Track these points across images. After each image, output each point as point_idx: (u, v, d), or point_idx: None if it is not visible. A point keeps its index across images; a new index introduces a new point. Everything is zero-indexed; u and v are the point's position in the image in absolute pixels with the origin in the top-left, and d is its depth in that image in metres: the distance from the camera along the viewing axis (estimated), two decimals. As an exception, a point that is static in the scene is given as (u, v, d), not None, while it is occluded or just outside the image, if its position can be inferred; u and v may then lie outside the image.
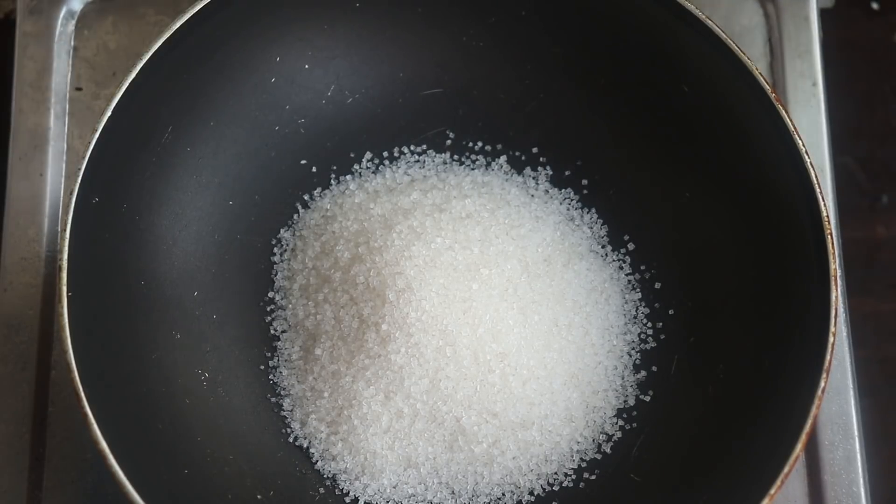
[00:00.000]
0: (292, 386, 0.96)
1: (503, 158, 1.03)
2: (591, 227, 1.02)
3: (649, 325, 0.98)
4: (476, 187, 1.02)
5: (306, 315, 0.97)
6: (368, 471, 0.93)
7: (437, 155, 1.04)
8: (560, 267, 0.98)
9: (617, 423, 0.96)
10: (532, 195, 1.02)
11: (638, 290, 0.99)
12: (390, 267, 0.93)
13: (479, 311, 0.92)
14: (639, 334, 0.98)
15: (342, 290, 0.95)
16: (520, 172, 1.03)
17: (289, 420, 0.96)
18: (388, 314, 0.92)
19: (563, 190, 1.02)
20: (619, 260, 1.01)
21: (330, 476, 0.94)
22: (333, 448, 0.94)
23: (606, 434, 0.95)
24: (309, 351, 0.96)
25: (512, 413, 0.93)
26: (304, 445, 0.95)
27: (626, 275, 1.00)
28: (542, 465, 0.94)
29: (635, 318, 0.99)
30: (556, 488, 0.94)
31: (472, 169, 1.03)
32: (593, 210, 1.02)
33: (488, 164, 1.03)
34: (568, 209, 1.02)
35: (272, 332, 0.99)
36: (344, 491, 0.93)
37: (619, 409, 0.96)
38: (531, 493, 0.94)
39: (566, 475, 0.94)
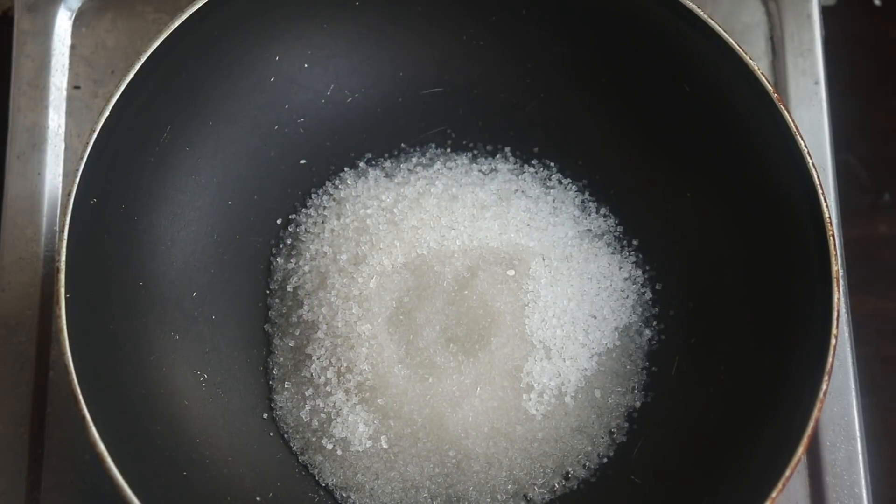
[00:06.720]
0: (286, 390, 0.96)
1: (508, 149, 1.03)
2: (607, 220, 1.01)
3: (654, 325, 0.98)
4: (486, 180, 1.01)
5: (300, 318, 0.96)
6: (367, 487, 0.92)
7: (439, 149, 1.03)
8: (580, 263, 0.97)
9: (623, 427, 0.95)
10: (547, 186, 1.01)
11: (648, 289, 0.99)
12: (395, 271, 0.93)
13: (499, 323, 0.92)
14: (649, 338, 0.97)
15: (340, 293, 0.95)
16: (520, 174, 1.03)
17: (282, 424, 0.95)
18: (387, 324, 0.92)
19: (577, 182, 1.02)
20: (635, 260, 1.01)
21: (325, 487, 0.94)
22: (326, 462, 0.93)
23: (612, 438, 0.95)
24: (302, 355, 0.96)
25: (526, 430, 0.92)
26: (297, 452, 0.95)
27: (644, 272, 1.00)
28: (551, 477, 0.93)
29: (647, 319, 0.98)
30: (558, 491, 0.93)
31: (477, 158, 1.03)
32: (605, 207, 1.02)
33: (492, 164, 1.03)
34: (582, 202, 1.02)
35: (269, 333, 0.98)
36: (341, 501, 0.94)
37: (625, 414, 0.96)
38: (541, 502, 0.94)
39: (573, 479, 0.94)
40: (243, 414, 0.94)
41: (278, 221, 1.01)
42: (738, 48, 0.91)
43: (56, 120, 1.08)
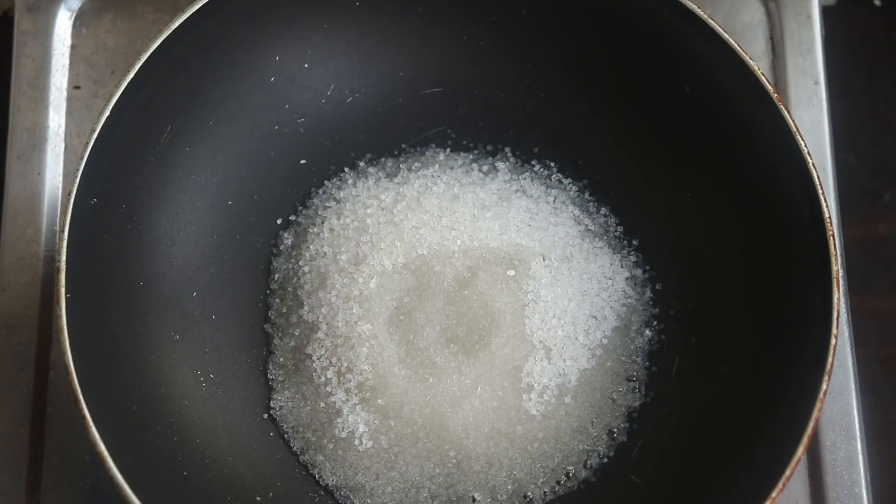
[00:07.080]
0: (285, 390, 0.96)
1: (508, 149, 1.03)
2: (607, 220, 1.01)
3: (654, 325, 0.98)
4: (487, 180, 1.01)
5: (300, 318, 0.96)
6: (367, 487, 0.92)
7: (439, 149, 1.03)
8: (580, 263, 0.97)
9: (623, 427, 0.95)
10: (547, 185, 1.01)
11: (648, 288, 0.99)
12: (395, 271, 0.93)
13: (500, 324, 0.92)
14: (649, 338, 0.97)
15: (340, 293, 0.95)
16: (520, 174, 1.03)
17: (282, 424, 0.95)
18: (388, 325, 0.91)
19: (578, 182, 1.02)
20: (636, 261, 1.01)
21: (325, 487, 0.94)
22: (326, 462, 0.93)
23: (612, 438, 0.95)
24: (302, 355, 0.96)
25: (526, 430, 0.92)
26: (297, 452, 0.95)
27: (644, 272, 1.00)
28: (551, 476, 0.93)
29: (647, 319, 0.98)
30: (558, 491, 0.93)
31: (477, 158, 1.03)
32: (605, 207, 1.02)
33: (492, 164, 1.03)
34: (583, 202, 1.01)
35: (269, 333, 0.98)
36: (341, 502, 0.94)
37: (625, 414, 0.96)
38: (541, 501, 0.94)
39: (573, 479, 0.94)
40: (243, 414, 0.94)
41: (278, 221, 1.01)
42: (738, 48, 0.90)
43: (56, 120, 1.08)
